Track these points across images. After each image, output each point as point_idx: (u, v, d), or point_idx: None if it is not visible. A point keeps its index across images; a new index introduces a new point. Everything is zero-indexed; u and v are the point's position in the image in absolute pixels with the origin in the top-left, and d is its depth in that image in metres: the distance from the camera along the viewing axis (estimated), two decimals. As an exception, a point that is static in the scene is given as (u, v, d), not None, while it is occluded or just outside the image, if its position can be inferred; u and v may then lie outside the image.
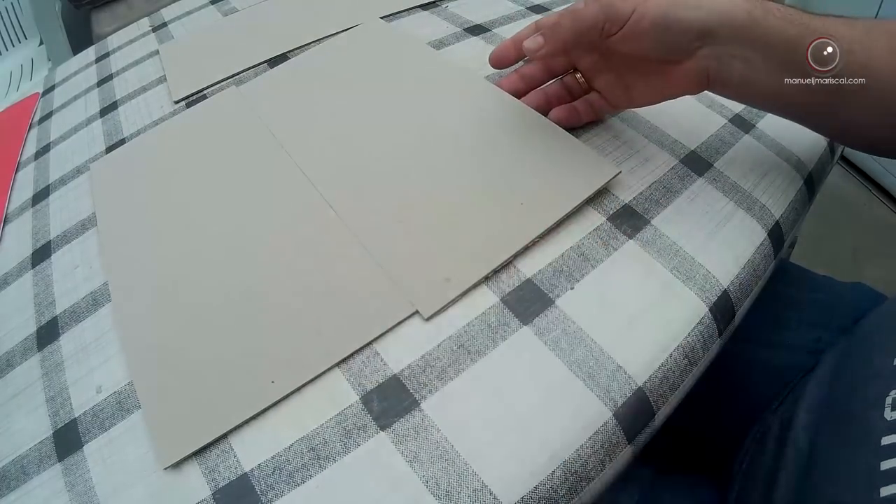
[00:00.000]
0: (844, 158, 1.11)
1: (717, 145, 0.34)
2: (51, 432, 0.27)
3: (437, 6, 0.49)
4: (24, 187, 0.42)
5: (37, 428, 0.27)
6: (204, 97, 0.44)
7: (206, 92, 0.45)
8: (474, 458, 0.23)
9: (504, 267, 0.28)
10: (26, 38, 1.05)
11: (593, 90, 0.34)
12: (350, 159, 0.35)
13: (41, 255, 0.36)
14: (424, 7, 0.49)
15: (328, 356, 0.26)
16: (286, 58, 0.46)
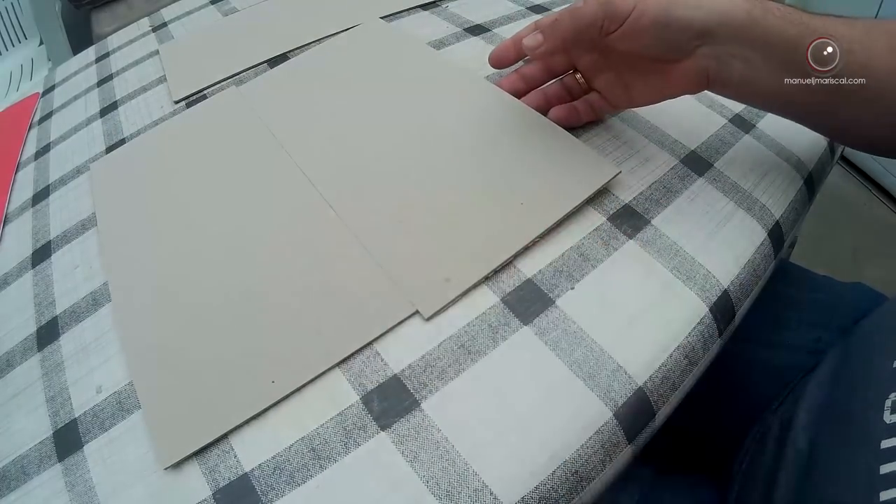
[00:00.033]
0: (844, 158, 1.11)
1: (717, 145, 0.34)
2: (51, 432, 0.27)
3: (437, 6, 0.49)
4: (24, 187, 0.42)
5: (37, 428, 0.27)
6: (204, 97, 0.44)
7: (206, 92, 0.45)
8: (475, 458, 0.23)
9: (504, 267, 0.28)
10: (26, 38, 1.05)
11: (593, 90, 0.34)
12: (350, 159, 0.35)
13: (41, 255, 0.36)
14: (424, 7, 0.49)
15: (328, 356, 0.26)
16: (286, 58, 0.46)
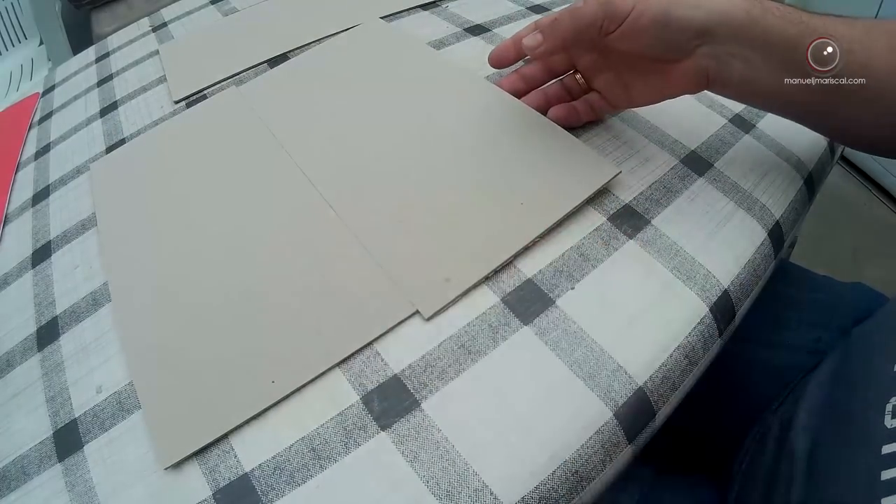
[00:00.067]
0: (844, 158, 1.11)
1: (717, 145, 0.34)
2: (51, 432, 0.27)
3: (437, 6, 0.49)
4: (24, 187, 0.42)
5: (37, 428, 0.27)
6: (204, 97, 0.44)
7: (206, 92, 0.45)
8: (475, 457, 0.23)
9: (504, 267, 0.28)
10: (26, 38, 1.05)
11: (593, 90, 0.34)
12: (350, 159, 0.35)
13: (41, 255, 0.36)
14: (424, 7, 0.49)
15: (328, 356, 0.26)
16: (286, 58, 0.46)
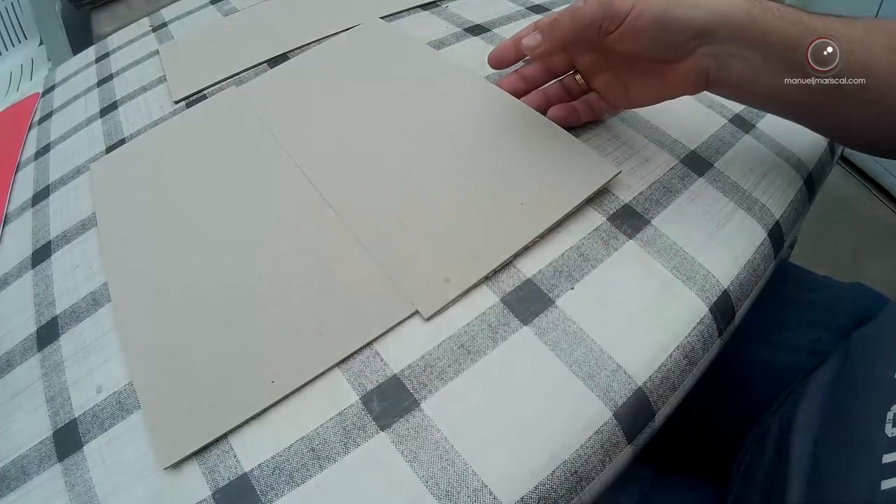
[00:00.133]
0: (844, 158, 1.11)
1: (717, 145, 0.34)
2: (51, 432, 0.27)
3: (437, 6, 0.49)
4: (24, 187, 0.42)
5: (37, 428, 0.27)
6: (204, 97, 0.44)
7: (206, 92, 0.45)
8: (474, 458, 0.23)
9: (504, 267, 0.28)
10: (26, 38, 1.05)
11: (592, 90, 0.34)
12: (350, 159, 0.35)
13: (41, 255, 0.36)
14: (424, 7, 0.49)
15: (328, 356, 0.26)
16: (286, 58, 0.46)
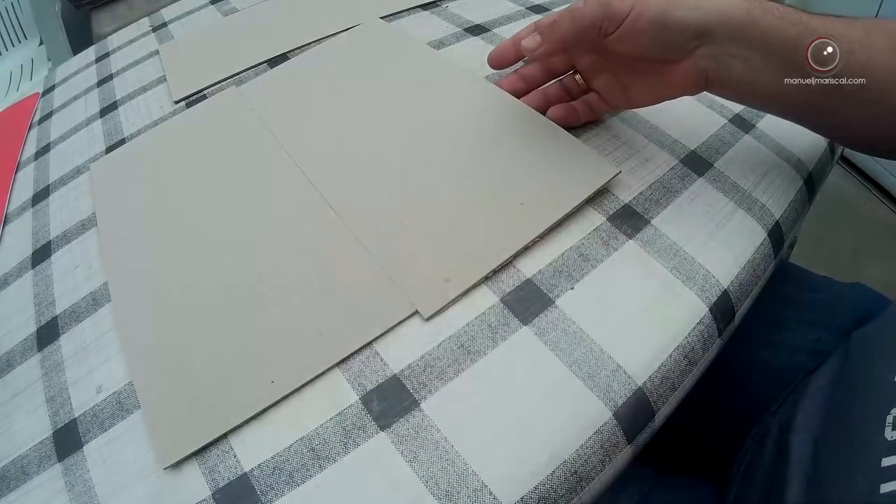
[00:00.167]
0: (844, 158, 1.11)
1: (717, 145, 0.34)
2: (51, 432, 0.27)
3: (437, 6, 0.49)
4: (24, 187, 0.42)
5: (37, 428, 0.27)
6: (204, 97, 0.44)
7: (206, 92, 0.45)
8: (474, 458, 0.23)
9: (504, 267, 0.28)
10: (26, 38, 1.05)
11: (592, 90, 0.34)
12: (350, 159, 0.35)
13: (41, 255, 0.36)
14: (424, 7, 0.49)
15: (328, 356, 0.26)
16: (286, 58, 0.46)
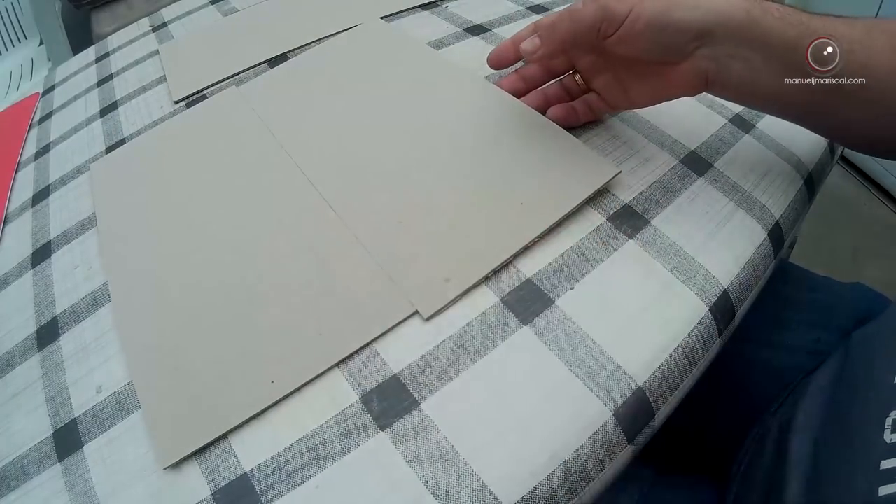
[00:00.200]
0: (844, 158, 1.11)
1: (717, 145, 0.34)
2: (51, 432, 0.27)
3: (437, 6, 0.49)
4: (24, 187, 0.42)
5: (37, 428, 0.27)
6: (204, 97, 0.44)
7: (206, 92, 0.45)
8: (474, 458, 0.23)
9: (504, 267, 0.28)
10: (26, 38, 1.05)
11: (592, 90, 0.34)
12: (350, 159, 0.35)
13: (41, 255, 0.36)
14: (424, 7, 0.49)
15: (328, 356, 0.26)
16: (286, 58, 0.46)
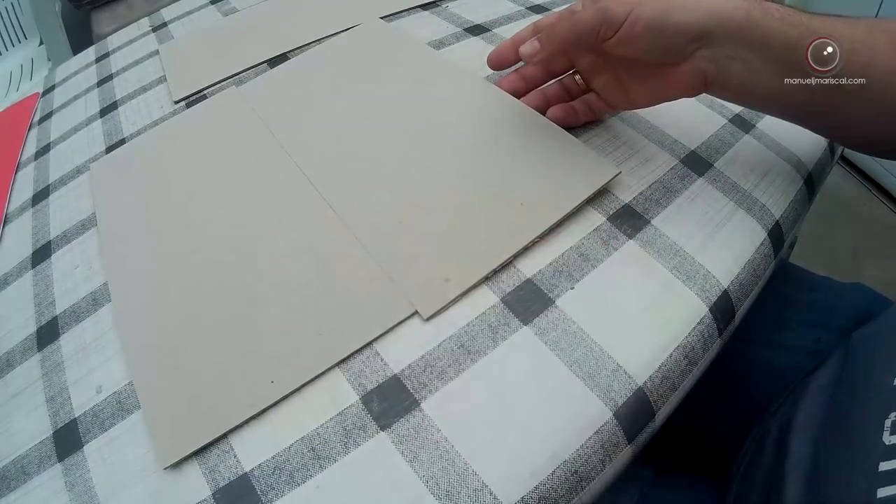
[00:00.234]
0: (844, 158, 1.11)
1: (717, 145, 0.34)
2: (51, 432, 0.27)
3: (437, 6, 0.49)
4: (24, 187, 0.42)
5: (37, 428, 0.27)
6: (204, 97, 0.44)
7: (206, 92, 0.45)
8: (474, 458, 0.23)
9: (504, 267, 0.28)
10: (26, 38, 1.05)
11: (591, 91, 0.34)
12: (350, 159, 0.35)
13: (41, 255, 0.36)
14: (424, 7, 0.49)
15: (328, 356, 0.26)
16: (286, 58, 0.46)
